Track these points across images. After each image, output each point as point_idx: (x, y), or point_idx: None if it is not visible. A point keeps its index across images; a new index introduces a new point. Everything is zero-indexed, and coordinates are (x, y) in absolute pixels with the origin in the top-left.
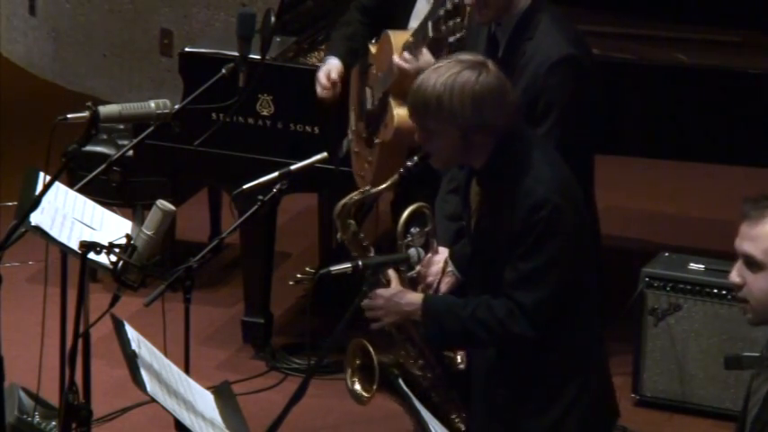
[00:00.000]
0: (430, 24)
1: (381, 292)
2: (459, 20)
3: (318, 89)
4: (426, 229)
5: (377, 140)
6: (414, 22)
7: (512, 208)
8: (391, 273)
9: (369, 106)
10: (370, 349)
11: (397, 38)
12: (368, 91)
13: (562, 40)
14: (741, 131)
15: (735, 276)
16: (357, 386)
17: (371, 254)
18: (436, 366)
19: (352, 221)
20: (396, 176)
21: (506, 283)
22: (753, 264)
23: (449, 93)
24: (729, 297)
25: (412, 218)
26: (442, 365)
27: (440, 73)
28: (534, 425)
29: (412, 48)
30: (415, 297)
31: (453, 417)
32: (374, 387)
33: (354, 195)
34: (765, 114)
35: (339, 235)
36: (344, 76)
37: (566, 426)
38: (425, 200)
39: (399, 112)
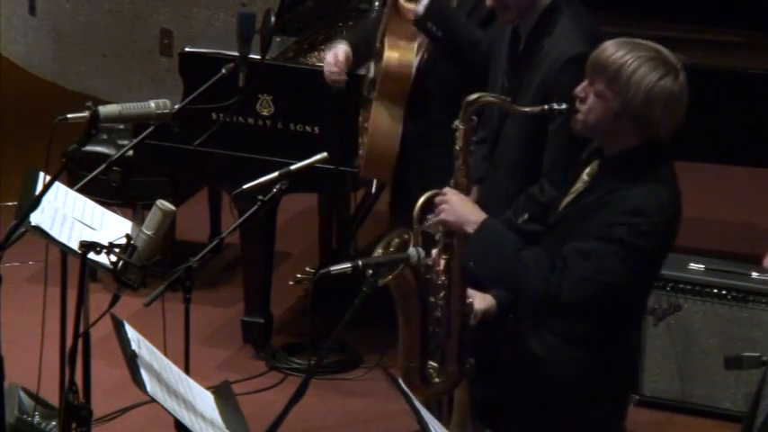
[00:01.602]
0: None
1: (455, 194)
2: None
3: (326, 71)
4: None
5: (371, 97)
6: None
7: (614, 204)
8: (474, 190)
9: (373, 95)
10: (411, 239)
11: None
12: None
13: (578, 38)
14: (741, 131)
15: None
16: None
17: (470, 157)
18: (454, 307)
19: (475, 118)
20: (537, 108)
21: (570, 246)
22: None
23: (631, 71)
24: (729, 297)
25: (428, 204)
26: (459, 310)
27: (634, 48)
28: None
29: None
30: (478, 215)
31: (431, 363)
32: (390, 276)
33: (491, 96)
34: (765, 114)
35: (456, 122)
36: (351, 61)
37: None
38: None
39: (391, 53)
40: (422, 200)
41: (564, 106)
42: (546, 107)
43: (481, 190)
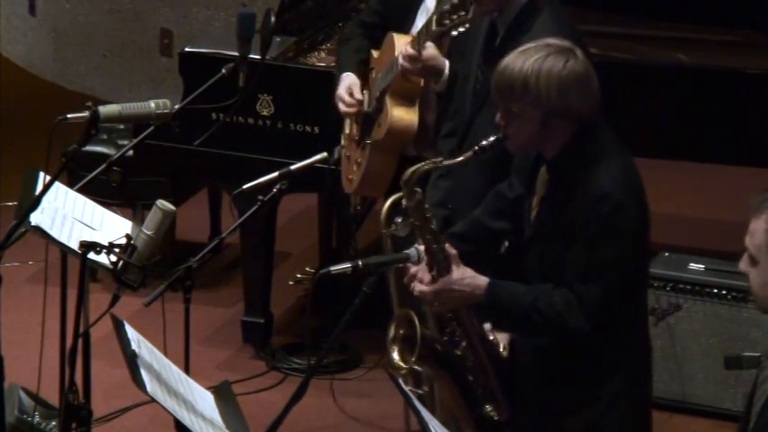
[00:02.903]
0: (434, 18)
1: (449, 278)
2: (463, 13)
3: (342, 106)
4: (412, 219)
5: (368, 141)
6: (419, 25)
7: (576, 199)
8: (450, 251)
9: (365, 108)
10: (415, 321)
11: (400, 40)
12: (365, 94)
13: (555, 33)
14: (741, 131)
15: (742, 265)
16: (395, 355)
17: (433, 225)
18: (479, 350)
19: (418, 189)
20: (470, 153)
21: (568, 275)
22: (750, 257)
23: (535, 75)
24: (729, 297)
25: (396, 207)
26: (485, 350)
27: (527, 55)
28: (576, 420)
29: (415, 43)
30: (481, 280)
31: (488, 407)
32: (413, 359)
33: (425, 165)
34: (765, 114)
35: (404, 202)
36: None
37: (607, 421)
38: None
39: (395, 112)
40: (387, 204)
41: (492, 139)
42: (477, 148)
43: (447, 185)
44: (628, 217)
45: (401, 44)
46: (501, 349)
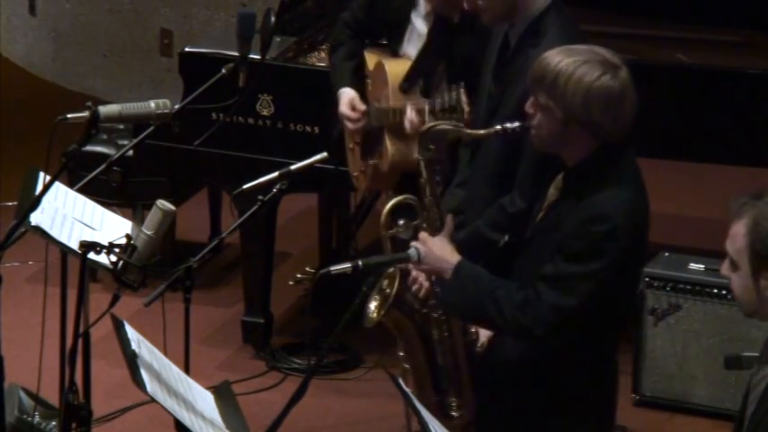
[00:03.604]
0: (427, 108)
1: (427, 240)
2: (456, 114)
3: (350, 125)
4: (414, 222)
5: (371, 161)
6: (409, 47)
7: (575, 215)
8: (448, 220)
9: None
10: (396, 281)
11: (392, 68)
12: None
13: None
14: (741, 131)
15: (723, 269)
16: (372, 305)
17: (439, 187)
18: (458, 339)
19: (432, 146)
20: (492, 129)
21: (538, 273)
22: (731, 261)
23: (567, 76)
24: (729, 297)
25: (397, 210)
26: (464, 341)
27: (569, 54)
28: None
29: (423, 115)
30: (452, 258)
31: (452, 399)
32: (382, 312)
33: (447, 125)
34: (765, 114)
35: (416, 155)
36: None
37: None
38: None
39: (394, 153)
40: (388, 206)
41: (516, 124)
42: (499, 128)
43: (463, 194)
44: (619, 245)
45: (393, 72)
46: (478, 344)
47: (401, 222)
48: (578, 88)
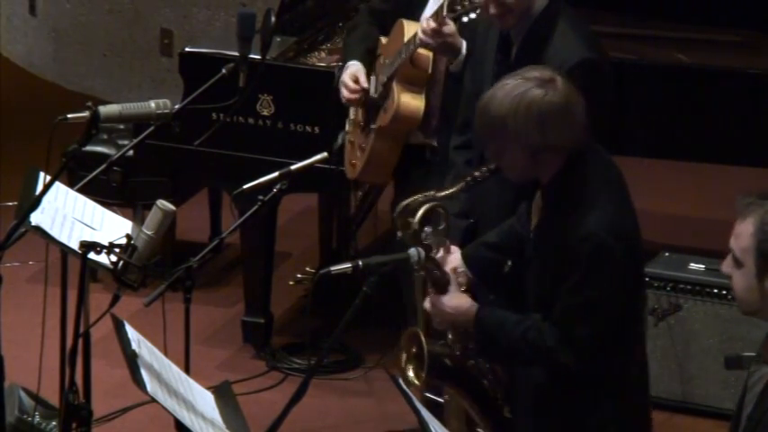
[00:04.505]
0: (446, 4)
1: (439, 299)
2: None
3: (346, 93)
4: (441, 228)
5: (374, 126)
6: (429, 9)
7: (565, 234)
8: (448, 274)
9: (372, 93)
10: (422, 338)
11: (411, 26)
12: (372, 79)
13: (579, 43)
14: (741, 131)
15: (725, 267)
16: (410, 373)
17: (432, 253)
18: (487, 372)
19: (412, 220)
20: (462, 183)
21: (556, 312)
22: (735, 259)
23: (513, 113)
24: (729, 297)
25: (428, 215)
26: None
27: (506, 92)
28: None
29: (437, 17)
30: (469, 309)
31: (506, 409)
32: (423, 374)
33: (418, 198)
34: (765, 114)
35: (399, 234)
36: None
37: None
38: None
39: (402, 98)
40: (419, 214)
41: (484, 169)
42: (469, 178)
43: (466, 196)
44: (611, 258)
45: (411, 31)
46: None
47: (429, 230)
48: (529, 119)
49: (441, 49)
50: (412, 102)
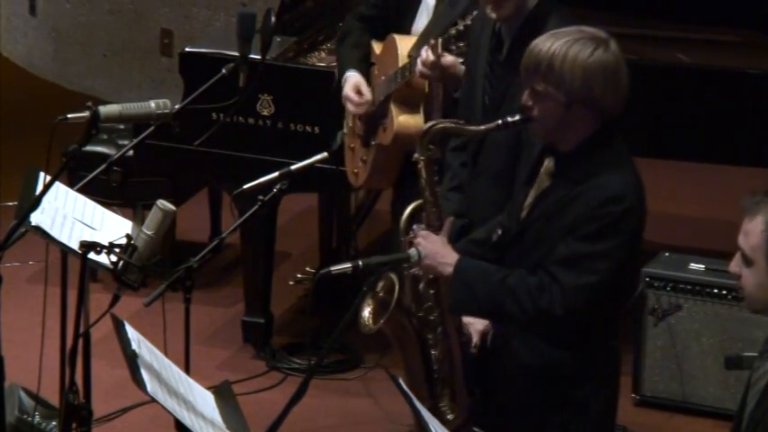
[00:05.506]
0: (440, 42)
1: (426, 237)
2: (463, 44)
3: (351, 107)
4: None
5: (374, 142)
6: (420, 22)
7: (583, 198)
8: (447, 222)
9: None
10: (396, 288)
11: (402, 42)
12: (370, 90)
13: None
14: (741, 131)
15: (733, 266)
16: (366, 312)
17: (437, 188)
18: (453, 342)
19: (432, 146)
20: (493, 124)
21: (552, 258)
22: (744, 258)
23: (561, 58)
24: (729, 297)
25: (415, 214)
26: (459, 343)
27: (557, 37)
28: (547, 424)
29: (435, 49)
30: (452, 256)
31: (442, 405)
32: (381, 321)
33: (446, 122)
34: (765, 114)
35: (415, 155)
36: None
37: (577, 425)
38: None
39: (400, 120)
40: (407, 211)
41: (517, 117)
42: (500, 122)
43: (459, 197)
44: (633, 223)
45: (404, 47)
46: (472, 345)
47: (417, 227)
48: (575, 67)
49: (440, 80)
50: (410, 121)
